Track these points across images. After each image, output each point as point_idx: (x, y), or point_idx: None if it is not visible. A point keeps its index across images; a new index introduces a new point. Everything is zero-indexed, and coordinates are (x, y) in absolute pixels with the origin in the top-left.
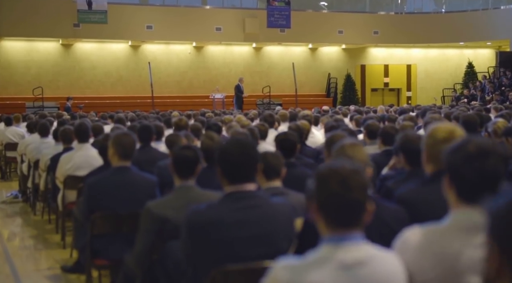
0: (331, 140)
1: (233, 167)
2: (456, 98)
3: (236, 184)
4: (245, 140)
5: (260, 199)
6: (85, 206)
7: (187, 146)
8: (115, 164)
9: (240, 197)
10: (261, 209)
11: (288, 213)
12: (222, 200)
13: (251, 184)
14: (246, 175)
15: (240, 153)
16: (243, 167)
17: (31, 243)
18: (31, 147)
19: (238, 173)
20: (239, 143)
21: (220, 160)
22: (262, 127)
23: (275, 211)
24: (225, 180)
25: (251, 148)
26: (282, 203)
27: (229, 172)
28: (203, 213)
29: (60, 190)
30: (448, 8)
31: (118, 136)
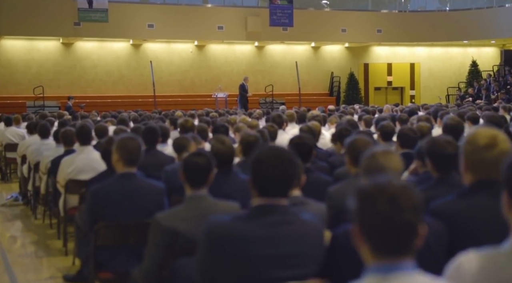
0: (354, 146)
1: (267, 179)
2: (460, 97)
3: (267, 198)
4: (285, 151)
5: (292, 216)
6: (88, 215)
7: (198, 152)
8: (119, 170)
9: (270, 211)
10: (292, 226)
11: (319, 233)
12: (250, 213)
13: (284, 199)
14: (281, 190)
15: (277, 165)
16: (279, 181)
17: (32, 250)
18: (31, 149)
19: (271, 186)
20: (277, 154)
21: (254, 169)
22: (271, 128)
23: (306, 229)
24: (256, 191)
25: (291, 161)
26: (313, 221)
27: (261, 184)
28: (227, 225)
29: (61, 195)
30: (452, 6)
31: (123, 140)
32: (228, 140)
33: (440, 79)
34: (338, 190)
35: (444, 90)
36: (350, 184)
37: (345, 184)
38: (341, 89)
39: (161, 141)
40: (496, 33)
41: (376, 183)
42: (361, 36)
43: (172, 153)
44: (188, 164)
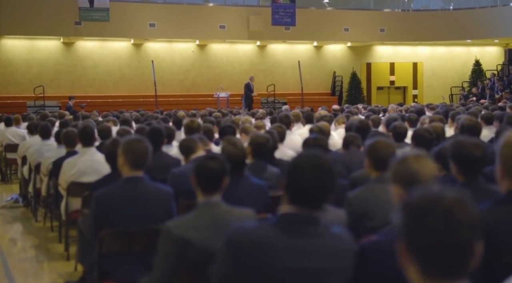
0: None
1: (304, 189)
2: (464, 97)
3: (299, 206)
4: (326, 160)
5: (323, 228)
6: (92, 221)
7: (212, 155)
8: (126, 174)
9: (300, 221)
10: (322, 239)
11: (350, 248)
12: (277, 221)
13: (317, 210)
14: (316, 201)
15: (317, 174)
16: (316, 192)
17: (33, 254)
18: (32, 150)
19: (307, 196)
20: (318, 162)
21: (291, 176)
22: (279, 129)
23: (337, 244)
24: (287, 198)
25: (331, 171)
26: (345, 235)
27: (296, 192)
28: (250, 233)
29: (63, 198)
30: (456, 5)
31: (129, 142)
32: (240, 142)
33: (443, 78)
34: (358, 196)
35: (446, 89)
36: (370, 189)
37: (365, 189)
38: (343, 89)
39: (166, 142)
40: (500, 32)
41: (427, 195)
42: (363, 35)
43: (178, 154)
44: (201, 168)
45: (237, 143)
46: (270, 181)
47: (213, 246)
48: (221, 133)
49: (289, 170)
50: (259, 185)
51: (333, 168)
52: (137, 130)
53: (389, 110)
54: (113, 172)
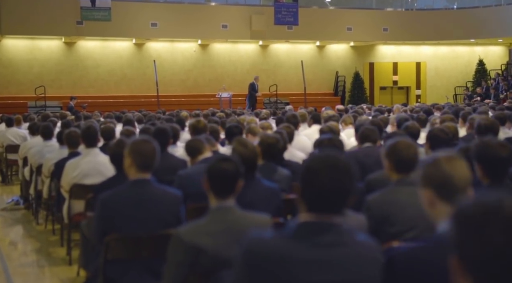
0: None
1: (320, 193)
2: (468, 97)
3: (318, 213)
4: (342, 160)
5: (346, 236)
6: (97, 226)
7: (225, 157)
8: (132, 176)
9: (321, 230)
10: (346, 249)
11: (377, 258)
12: (296, 230)
13: (338, 216)
14: (335, 205)
15: (333, 176)
16: (334, 195)
17: (34, 259)
18: (33, 151)
19: (325, 201)
20: (334, 163)
21: (305, 180)
22: (288, 129)
23: (363, 253)
24: (304, 205)
25: (349, 172)
26: (371, 243)
27: (313, 197)
28: (268, 244)
29: (65, 200)
30: (459, 4)
31: (136, 143)
32: (251, 143)
33: (446, 78)
34: (378, 200)
35: (450, 89)
36: (391, 192)
37: (385, 192)
38: (346, 89)
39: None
40: (504, 32)
41: (484, 203)
42: (366, 35)
43: (183, 155)
44: (214, 170)
45: (248, 144)
46: (281, 183)
47: (227, 254)
48: (228, 134)
49: (304, 174)
50: (271, 188)
51: (351, 168)
52: (142, 131)
53: (394, 110)
54: (118, 174)
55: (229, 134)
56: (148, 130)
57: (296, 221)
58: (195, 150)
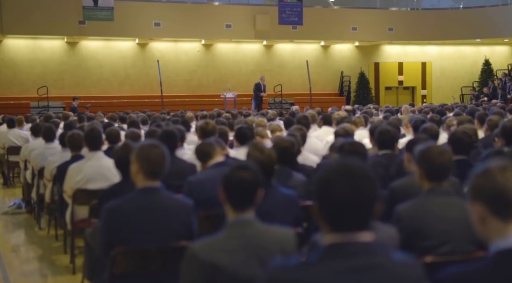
0: (428, 156)
1: (342, 208)
2: (475, 97)
3: (344, 233)
4: (361, 167)
5: (382, 256)
6: (102, 238)
7: (243, 164)
8: (140, 184)
9: (350, 252)
10: (381, 271)
11: (419, 279)
12: (322, 255)
13: (366, 232)
14: (361, 220)
15: (353, 186)
16: (357, 209)
17: (36, 267)
18: (35, 154)
19: (348, 217)
20: (351, 171)
21: (322, 195)
22: (300, 131)
23: (402, 275)
24: (326, 226)
25: (370, 179)
26: (410, 261)
27: (334, 214)
28: (293, 272)
29: (68, 205)
30: (466, 4)
31: (144, 148)
32: (267, 148)
33: (452, 78)
34: (409, 211)
35: (455, 89)
36: (423, 203)
37: (417, 202)
38: (351, 89)
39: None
40: (510, 32)
41: None
42: (371, 34)
43: (192, 159)
44: (231, 180)
45: (264, 148)
46: (297, 189)
47: (246, 272)
48: (239, 136)
49: (318, 190)
50: (289, 195)
51: (370, 173)
52: (148, 133)
53: (402, 111)
54: (124, 180)
55: (240, 136)
56: (154, 133)
57: (320, 245)
58: (206, 155)
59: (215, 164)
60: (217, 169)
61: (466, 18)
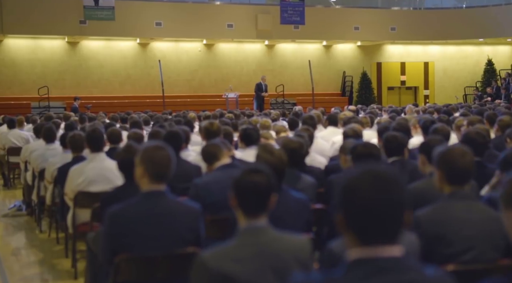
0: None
1: (368, 218)
2: (478, 97)
3: (371, 246)
4: (388, 172)
5: (414, 272)
6: (106, 244)
7: (255, 168)
8: (145, 187)
9: (380, 269)
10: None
11: None
12: (348, 271)
13: (395, 246)
14: (389, 231)
15: (382, 194)
16: (385, 219)
17: (37, 271)
18: (35, 155)
19: (375, 228)
20: (379, 178)
21: (346, 204)
22: (307, 131)
23: None
24: (353, 238)
25: (398, 185)
26: (443, 278)
27: (361, 225)
28: None
29: (69, 208)
30: (469, 3)
31: (149, 150)
32: (278, 150)
33: (454, 78)
34: (429, 216)
35: (458, 89)
36: (445, 207)
37: (438, 208)
38: (353, 89)
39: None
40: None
41: None
42: (374, 34)
43: (197, 160)
44: (242, 184)
45: (274, 150)
46: (306, 192)
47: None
48: (245, 137)
49: (343, 199)
50: (300, 199)
51: (399, 178)
52: (151, 134)
53: (406, 111)
54: (127, 182)
55: (245, 137)
56: (158, 134)
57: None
58: (213, 156)
59: (222, 166)
60: (224, 171)
61: (469, 18)
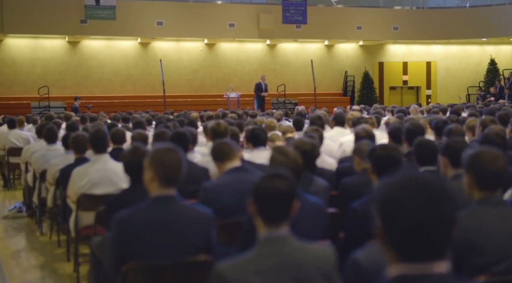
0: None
1: (415, 233)
2: (482, 97)
3: (416, 263)
4: (436, 181)
5: None
6: (113, 252)
7: (277, 173)
8: (154, 192)
9: None
10: None
11: None
12: None
13: (442, 262)
14: (438, 247)
15: (430, 207)
16: (433, 234)
17: (38, 276)
18: (36, 156)
19: (421, 243)
20: (426, 188)
21: (388, 218)
22: (317, 132)
23: None
24: (394, 253)
25: (449, 197)
26: None
27: (405, 241)
28: None
29: (72, 211)
30: (472, 2)
31: (159, 153)
32: (293, 152)
33: (457, 78)
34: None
35: (461, 89)
36: (475, 214)
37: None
38: (355, 89)
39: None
40: None
41: None
42: (376, 34)
43: (203, 162)
44: (263, 191)
45: (289, 152)
46: (319, 195)
47: None
48: (252, 138)
49: (384, 210)
50: (316, 204)
51: (449, 189)
52: (156, 135)
53: (411, 111)
54: (134, 186)
55: (253, 138)
56: (163, 135)
57: (385, 276)
58: (225, 154)
59: (232, 169)
60: (234, 174)
61: (472, 17)
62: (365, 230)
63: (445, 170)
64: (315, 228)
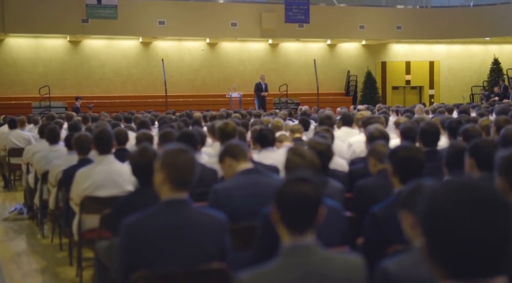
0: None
1: (468, 249)
2: (486, 96)
3: (472, 280)
4: (491, 191)
5: None
6: (121, 259)
7: (301, 176)
8: (165, 195)
9: None
10: None
11: None
12: None
13: (499, 278)
14: (492, 263)
15: (485, 220)
16: (488, 250)
17: (39, 280)
18: (38, 157)
19: (475, 260)
20: (480, 198)
21: (437, 232)
22: (328, 132)
23: None
24: (443, 270)
25: (507, 208)
26: None
27: (456, 258)
28: None
29: (75, 214)
30: (476, 1)
31: (171, 154)
32: (309, 152)
33: (460, 78)
34: None
35: (464, 89)
36: None
37: None
38: (358, 89)
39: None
40: None
41: None
42: (379, 33)
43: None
44: (288, 196)
45: (305, 153)
46: (334, 198)
47: None
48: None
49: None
50: (335, 208)
51: (506, 199)
52: (162, 135)
53: (416, 111)
54: (142, 188)
55: (261, 138)
56: (170, 135)
57: None
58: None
59: (243, 171)
60: (246, 176)
61: (476, 16)
62: (386, 236)
63: (471, 171)
64: (333, 234)
